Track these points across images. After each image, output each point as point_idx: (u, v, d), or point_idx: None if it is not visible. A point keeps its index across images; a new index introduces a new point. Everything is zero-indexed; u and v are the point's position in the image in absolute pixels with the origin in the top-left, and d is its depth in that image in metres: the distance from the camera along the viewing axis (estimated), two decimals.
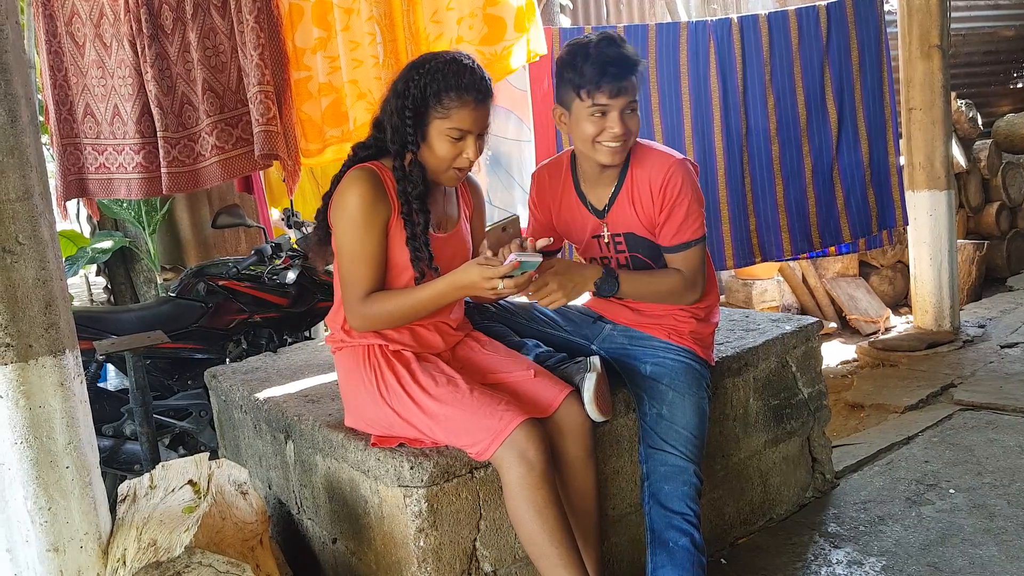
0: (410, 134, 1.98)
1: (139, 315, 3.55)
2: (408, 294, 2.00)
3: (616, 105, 2.08)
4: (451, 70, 1.97)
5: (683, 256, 2.21)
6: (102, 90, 3.25)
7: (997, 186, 6.84)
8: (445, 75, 1.96)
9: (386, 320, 2.02)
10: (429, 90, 1.97)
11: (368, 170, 2.01)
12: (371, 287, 2.01)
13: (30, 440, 1.79)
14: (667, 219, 2.18)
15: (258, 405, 2.53)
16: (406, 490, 1.95)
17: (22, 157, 1.77)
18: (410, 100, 1.97)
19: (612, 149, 2.13)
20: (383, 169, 2.04)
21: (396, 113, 2.00)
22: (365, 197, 1.97)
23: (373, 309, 2.00)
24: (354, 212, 1.97)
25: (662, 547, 2.11)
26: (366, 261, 2.00)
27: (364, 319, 2.02)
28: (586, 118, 2.11)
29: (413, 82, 1.98)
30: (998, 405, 3.54)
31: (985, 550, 2.44)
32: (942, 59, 4.58)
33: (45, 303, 1.80)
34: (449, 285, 1.94)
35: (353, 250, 2.00)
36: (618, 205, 2.24)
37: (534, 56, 3.07)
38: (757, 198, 4.34)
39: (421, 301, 1.98)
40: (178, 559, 1.75)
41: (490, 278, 1.86)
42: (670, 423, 2.18)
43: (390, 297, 2.01)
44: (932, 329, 4.75)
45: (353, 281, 2.01)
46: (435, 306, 2.01)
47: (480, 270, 1.87)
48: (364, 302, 2.00)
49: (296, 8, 3.10)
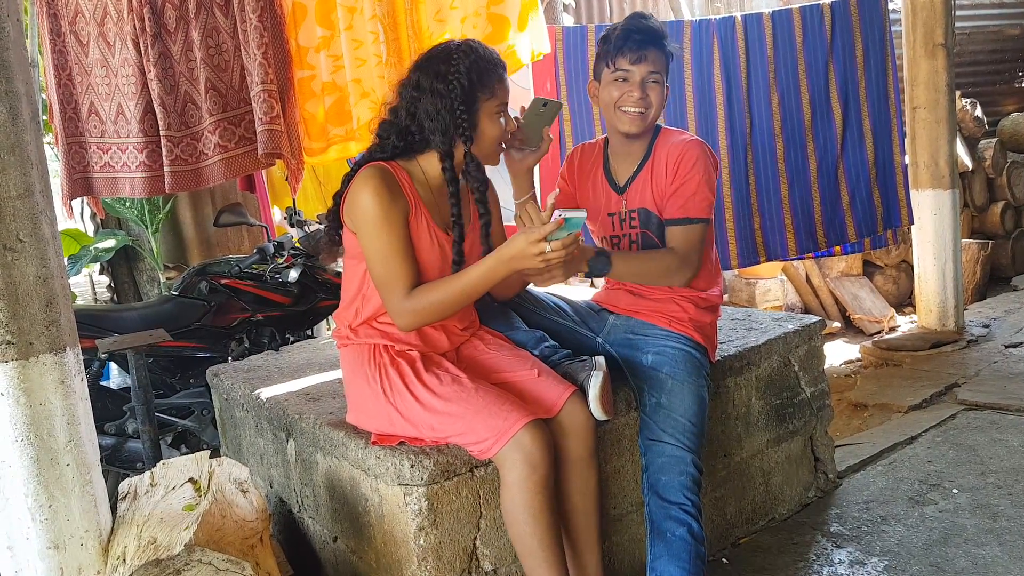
0: (465, 127, 1.97)
1: (142, 313, 3.56)
2: (456, 279, 1.95)
3: (637, 72, 2.20)
4: (478, 50, 2.00)
5: (683, 231, 2.23)
6: (106, 89, 3.26)
7: (1002, 185, 6.82)
8: (479, 57, 1.99)
9: (436, 311, 1.97)
10: (473, 75, 1.97)
11: (380, 167, 1.99)
12: (411, 281, 1.97)
13: (31, 438, 1.80)
14: (675, 191, 2.23)
15: (259, 403, 2.53)
16: (406, 488, 1.95)
17: (23, 155, 1.77)
18: (458, 92, 1.95)
19: (631, 116, 2.23)
20: (397, 168, 2.02)
21: (444, 112, 1.96)
22: (382, 195, 1.94)
23: (420, 303, 1.95)
24: (374, 209, 1.93)
25: (660, 537, 2.11)
26: (398, 257, 1.96)
27: (413, 315, 1.97)
28: (610, 83, 2.24)
29: (453, 74, 1.96)
30: (1002, 405, 3.53)
31: (988, 550, 2.43)
32: (946, 58, 4.56)
33: (46, 301, 1.80)
34: (496, 260, 1.89)
35: (381, 248, 1.95)
36: (638, 181, 2.31)
37: (538, 55, 3.07)
38: (761, 197, 4.33)
39: (471, 283, 1.93)
40: (178, 557, 1.75)
41: (536, 240, 1.81)
42: (668, 411, 2.18)
43: (436, 287, 1.96)
44: (936, 329, 4.73)
45: (391, 280, 1.96)
46: (485, 286, 1.95)
47: (525, 236, 1.83)
48: (408, 298, 1.95)
49: (299, 7, 3.10)
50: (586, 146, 2.49)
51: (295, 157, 3.08)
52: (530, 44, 3.02)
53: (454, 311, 2.02)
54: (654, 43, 2.20)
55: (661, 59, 2.23)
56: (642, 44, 2.19)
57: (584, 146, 2.50)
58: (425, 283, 1.98)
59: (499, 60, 2.05)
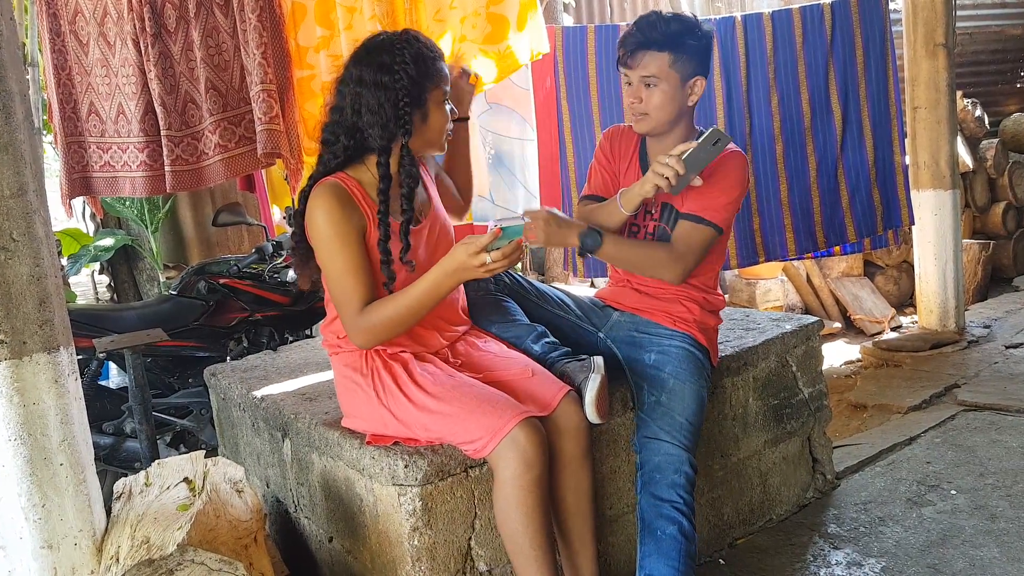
0: (407, 121, 1.95)
1: (140, 313, 3.56)
2: (403, 295, 1.94)
3: (632, 76, 2.19)
4: (419, 39, 2.00)
5: (692, 227, 2.19)
6: (106, 88, 3.26)
7: (1004, 185, 6.80)
8: (422, 46, 1.98)
9: (389, 327, 1.95)
10: (420, 65, 1.95)
11: (331, 184, 1.97)
12: (364, 299, 1.95)
13: (24, 437, 1.79)
14: (702, 192, 2.17)
15: (256, 403, 2.53)
16: (400, 489, 1.95)
17: (16, 154, 1.77)
18: (404, 83, 1.94)
19: (634, 119, 2.24)
20: (347, 179, 2.00)
21: (387, 105, 1.94)
22: (333, 212, 1.93)
23: (372, 320, 1.94)
24: (326, 229, 1.93)
25: (650, 535, 2.11)
26: (350, 275, 1.95)
27: (367, 332, 1.96)
28: (623, 87, 2.25)
29: (399, 64, 1.94)
30: (1002, 406, 3.52)
31: (986, 552, 2.43)
32: (947, 58, 4.55)
33: (39, 300, 1.80)
34: (440, 273, 1.90)
35: (335, 267, 1.96)
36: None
37: (537, 55, 3.06)
38: (761, 198, 4.33)
39: (417, 298, 1.92)
40: (170, 557, 1.75)
41: (475, 252, 1.82)
42: (668, 410, 2.17)
43: (386, 303, 1.95)
44: (937, 329, 4.72)
45: (345, 298, 1.96)
46: (433, 299, 1.94)
47: (464, 248, 1.84)
48: (361, 315, 1.95)
49: (299, 7, 3.10)
50: (625, 129, 2.42)
51: (294, 157, 3.08)
52: (529, 44, 3.01)
53: (408, 326, 1.99)
54: (650, 44, 2.15)
55: (660, 59, 2.14)
56: (635, 47, 2.16)
57: (623, 128, 2.42)
58: (376, 300, 1.97)
59: (437, 48, 2.04)
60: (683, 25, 2.18)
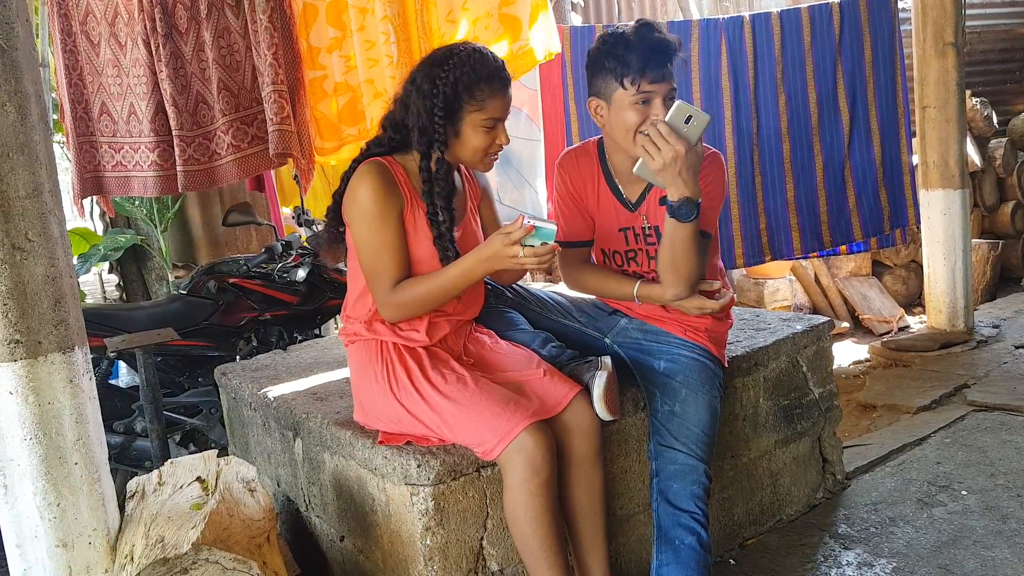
0: (440, 133, 1.99)
1: (150, 312, 3.57)
2: (437, 275, 2.00)
3: (660, 92, 2.05)
4: (478, 61, 1.99)
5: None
6: (118, 89, 3.28)
7: (1013, 185, 6.78)
8: (474, 67, 1.98)
9: (419, 304, 2.03)
10: (460, 85, 1.97)
11: (377, 163, 2.02)
12: (397, 275, 2.02)
13: (39, 436, 1.80)
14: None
15: (267, 402, 2.54)
16: (413, 488, 1.95)
17: (32, 154, 1.78)
18: (440, 98, 1.97)
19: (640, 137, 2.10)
20: (393, 163, 2.05)
21: (424, 113, 1.99)
22: (377, 189, 1.98)
23: (403, 296, 2.01)
24: (368, 205, 1.98)
25: (668, 544, 2.11)
26: (387, 251, 2.01)
27: (397, 307, 2.03)
28: (629, 107, 2.06)
29: (441, 79, 1.97)
30: (1012, 406, 3.51)
31: (997, 552, 2.42)
32: (957, 57, 4.54)
33: (54, 300, 1.81)
34: (475, 259, 1.95)
35: (372, 242, 2.01)
36: (651, 199, 2.24)
37: (550, 55, 3.06)
38: (768, 197, 4.33)
39: (451, 279, 1.98)
40: (185, 556, 1.75)
41: (510, 244, 1.86)
42: (682, 420, 2.17)
43: (419, 282, 2.02)
44: (946, 329, 4.71)
45: (379, 273, 2.02)
46: (465, 283, 2.00)
47: (500, 238, 1.88)
48: (394, 291, 2.02)
49: (310, 8, 3.11)
50: (578, 152, 2.32)
51: (305, 157, 3.09)
52: (542, 44, 3.01)
53: (437, 305, 2.06)
54: (674, 56, 2.07)
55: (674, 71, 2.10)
56: (663, 63, 2.05)
57: (576, 152, 2.33)
58: (410, 278, 2.03)
59: (500, 75, 2.01)
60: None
